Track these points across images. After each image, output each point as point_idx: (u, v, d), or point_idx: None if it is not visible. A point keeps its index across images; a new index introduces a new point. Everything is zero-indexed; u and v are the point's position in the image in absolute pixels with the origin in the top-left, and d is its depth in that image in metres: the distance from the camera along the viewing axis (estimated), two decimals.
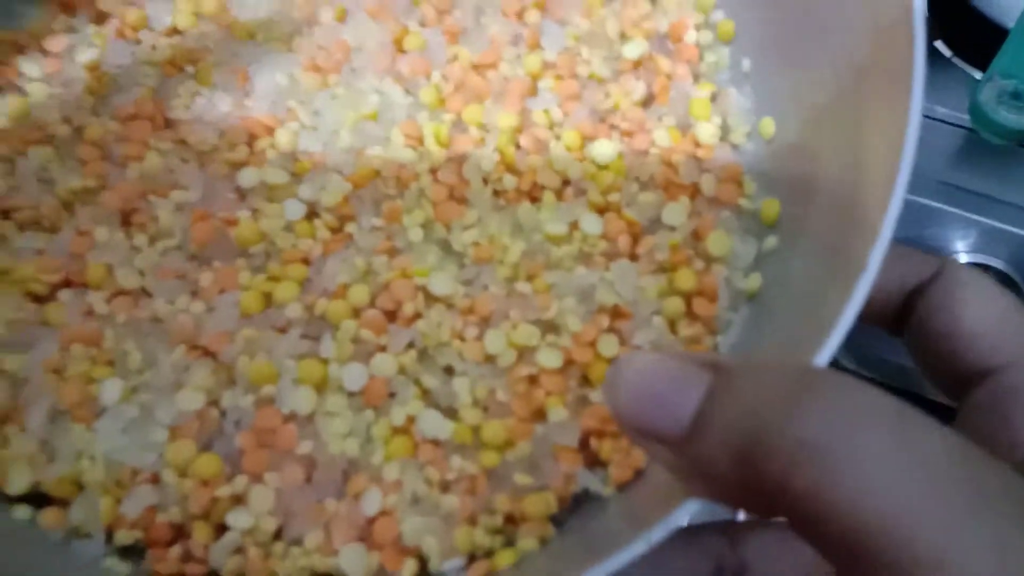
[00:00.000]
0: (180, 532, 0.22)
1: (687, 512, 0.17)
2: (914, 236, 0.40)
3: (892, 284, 0.21)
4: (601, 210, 0.26)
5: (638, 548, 0.16)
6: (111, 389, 0.23)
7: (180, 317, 0.24)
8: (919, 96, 0.19)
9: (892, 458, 0.13)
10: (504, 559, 0.21)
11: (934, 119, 0.41)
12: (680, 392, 0.16)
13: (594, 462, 0.23)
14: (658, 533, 0.16)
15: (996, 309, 0.21)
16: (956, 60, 0.42)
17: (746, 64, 0.28)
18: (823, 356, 0.17)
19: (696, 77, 0.28)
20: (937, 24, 0.41)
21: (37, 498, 0.22)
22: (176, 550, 0.21)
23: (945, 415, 0.16)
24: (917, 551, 0.12)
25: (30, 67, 0.27)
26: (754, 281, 0.25)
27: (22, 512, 0.22)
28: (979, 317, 0.20)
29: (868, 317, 0.21)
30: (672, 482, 0.18)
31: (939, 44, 0.42)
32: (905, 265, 0.21)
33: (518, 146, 0.26)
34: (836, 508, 0.13)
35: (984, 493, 0.13)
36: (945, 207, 0.39)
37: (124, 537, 0.21)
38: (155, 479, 0.22)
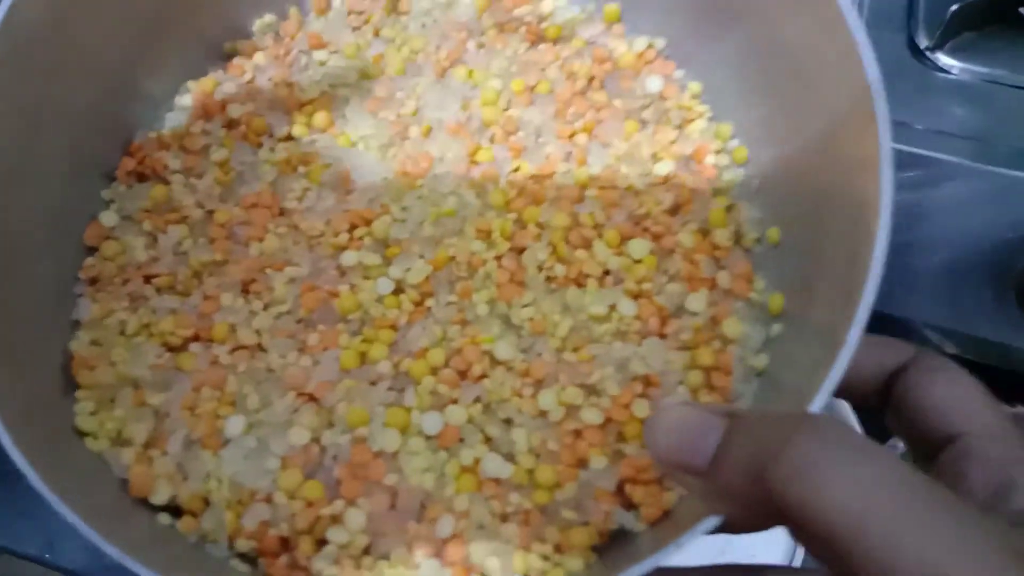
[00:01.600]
0: (288, 544, 0.27)
1: (707, 528, 0.21)
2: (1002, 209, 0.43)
3: (874, 367, 0.26)
4: (635, 296, 0.31)
5: (670, 552, 0.21)
6: (235, 424, 0.28)
7: (291, 369, 0.29)
8: (888, 191, 0.24)
9: (857, 476, 0.18)
10: None
11: (1008, 85, 0.45)
12: (704, 434, 0.21)
13: (629, 504, 0.28)
14: (685, 540, 0.21)
15: (959, 389, 0.26)
16: None
17: (755, 183, 0.34)
18: (815, 407, 0.22)
19: (715, 192, 0.34)
20: None
21: (175, 509, 0.27)
22: (285, 559, 0.26)
23: None
24: (874, 540, 0.17)
25: (173, 161, 0.34)
26: (762, 360, 0.30)
27: (164, 518, 0.26)
28: (944, 395, 0.25)
29: (856, 396, 0.26)
30: (694, 513, 0.23)
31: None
32: (885, 352, 0.26)
33: (568, 242, 0.32)
34: (819, 514, 0.18)
35: (920, 497, 0.18)
36: None
37: (243, 545, 0.26)
38: (269, 499, 0.27)
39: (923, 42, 0.47)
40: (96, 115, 0.32)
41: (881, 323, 0.47)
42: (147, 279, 0.31)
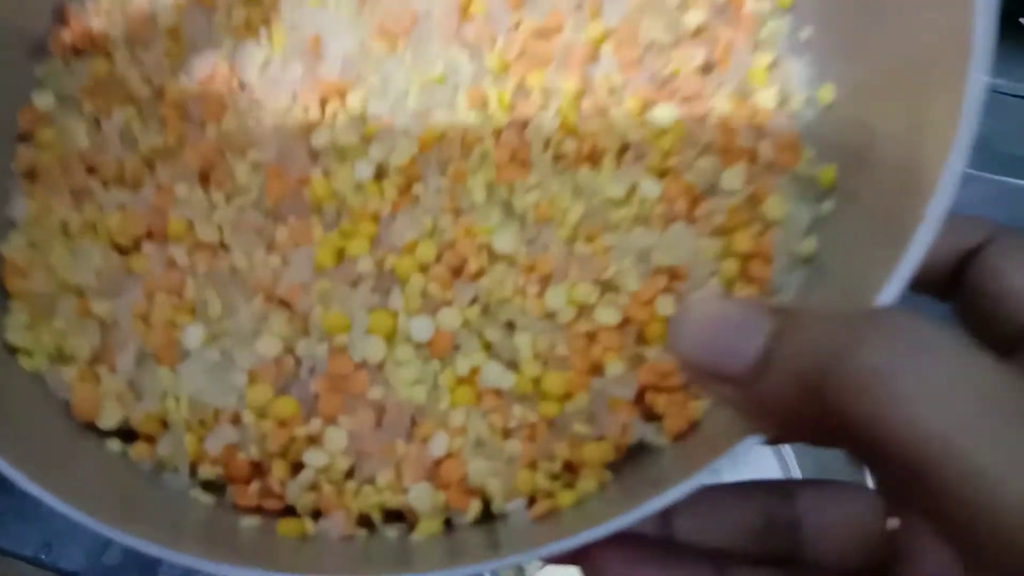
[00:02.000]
0: (259, 469, 0.23)
1: (745, 449, 0.17)
2: (1001, 216, 0.41)
3: (944, 249, 0.22)
4: (660, 174, 0.26)
5: (700, 478, 0.17)
6: (193, 334, 0.24)
7: (257, 269, 0.25)
8: (983, 68, 0.19)
9: (951, 384, 0.14)
10: (565, 499, 0.22)
11: (1007, 94, 0.42)
12: (746, 332, 0.16)
13: (650, 416, 0.24)
14: (718, 463, 0.17)
15: None
16: None
17: (806, 32, 0.28)
18: (886, 296, 0.18)
19: (756, 45, 0.28)
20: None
21: (127, 434, 0.23)
22: (255, 486, 0.23)
23: None
24: (968, 465, 0.13)
25: (114, 30, 0.29)
26: (809, 244, 0.25)
27: (114, 445, 0.23)
28: None
29: (920, 284, 0.21)
30: (729, 427, 0.19)
31: None
32: (957, 231, 0.22)
33: (579, 111, 0.27)
34: (900, 430, 0.14)
35: None
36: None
37: (207, 472, 0.23)
38: (236, 419, 0.24)
39: None
40: None
41: None
42: (90, 170, 0.27)
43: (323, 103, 0.27)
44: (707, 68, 0.28)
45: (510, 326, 0.25)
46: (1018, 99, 0.43)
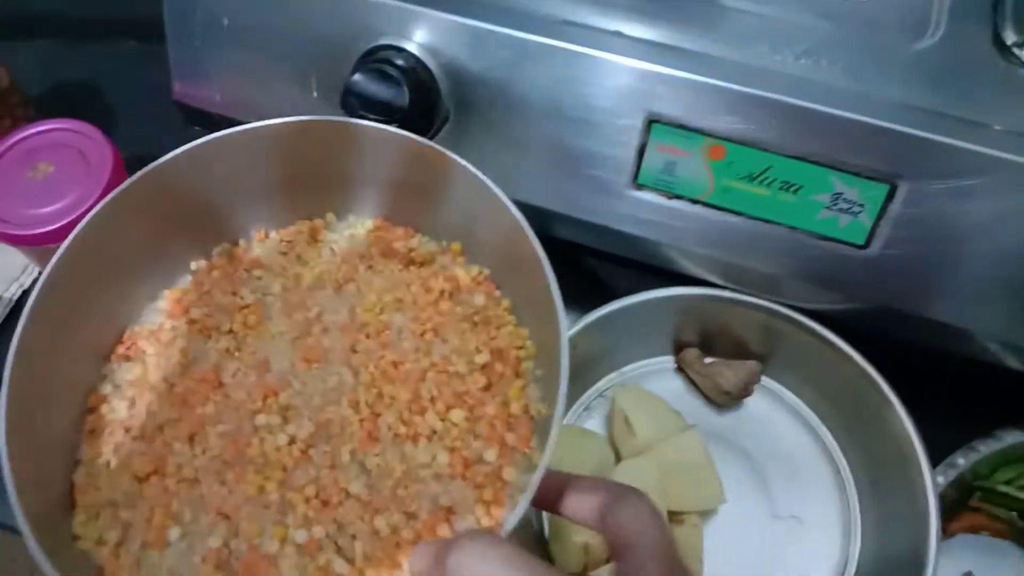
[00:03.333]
0: None
1: None
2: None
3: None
4: (451, 450, 0.47)
5: None
6: (174, 532, 0.43)
7: (215, 496, 0.45)
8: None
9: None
10: None
11: None
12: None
13: None
14: None
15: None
16: None
17: (539, 372, 0.49)
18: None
19: (516, 375, 0.50)
20: None
21: None
22: None
23: None
24: None
25: (149, 348, 0.50)
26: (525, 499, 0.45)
27: None
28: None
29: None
30: None
31: None
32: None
33: (410, 410, 0.48)
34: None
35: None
36: None
37: None
38: None
39: (1010, 38, 0.47)
40: (106, 313, 0.49)
41: (941, 333, 0.54)
42: (126, 430, 0.47)
43: (265, 398, 0.48)
44: (487, 387, 0.49)
45: (353, 537, 0.44)
46: None
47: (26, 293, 0.71)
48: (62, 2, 0.89)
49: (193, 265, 0.53)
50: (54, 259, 0.44)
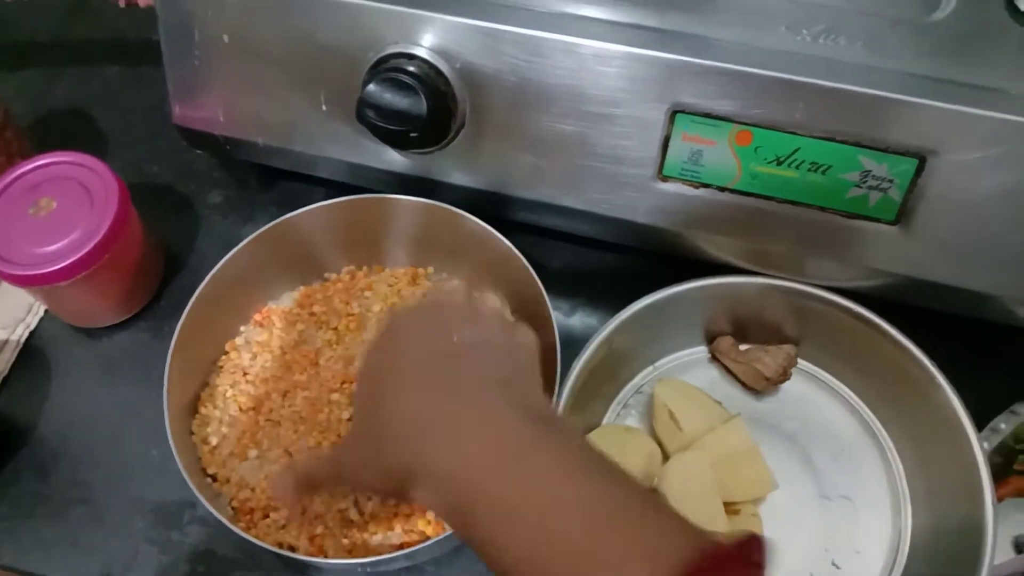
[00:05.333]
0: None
1: None
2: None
3: None
4: None
5: None
6: (252, 452, 0.46)
7: (287, 437, 0.46)
8: None
9: None
10: None
11: None
12: None
13: None
14: None
15: None
16: None
17: None
18: None
19: None
20: None
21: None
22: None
23: None
24: None
25: None
26: None
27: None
28: None
29: None
30: None
31: None
32: None
33: None
34: None
35: None
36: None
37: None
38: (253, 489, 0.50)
39: (1023, 3, 0.49)
40: (250, 295, 0.65)
41: (973, 301, 0.56)
42: (244, 373, 0.63)
43: (343, 383, 0.60)
44: None
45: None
46: None
47: (33, 334, 0.69)
48: (45, 30, 0.86)
49: (328, 274, 0.67)
50: (223, 261, 0.59)
